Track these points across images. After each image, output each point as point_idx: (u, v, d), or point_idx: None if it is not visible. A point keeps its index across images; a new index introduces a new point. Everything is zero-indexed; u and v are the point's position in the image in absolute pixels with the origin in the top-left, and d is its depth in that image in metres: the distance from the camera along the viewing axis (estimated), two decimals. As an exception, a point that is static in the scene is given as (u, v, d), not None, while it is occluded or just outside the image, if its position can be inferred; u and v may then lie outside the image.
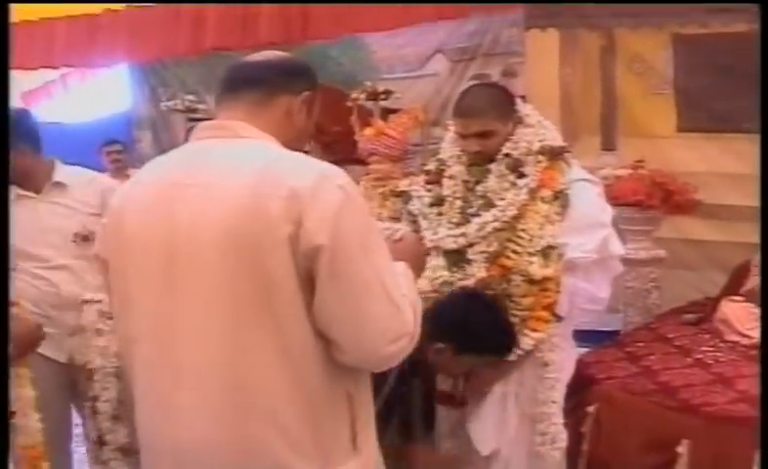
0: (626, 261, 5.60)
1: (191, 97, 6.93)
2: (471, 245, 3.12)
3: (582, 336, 4.19)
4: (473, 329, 2.92)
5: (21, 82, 7.77)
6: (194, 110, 6.69)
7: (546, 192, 3.14)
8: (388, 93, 5.06)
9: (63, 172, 3.76)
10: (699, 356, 4.24)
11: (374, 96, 4.99)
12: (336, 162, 4.76)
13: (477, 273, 3.08)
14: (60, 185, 3.73)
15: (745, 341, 4.40)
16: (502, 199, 3.14)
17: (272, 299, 1.93)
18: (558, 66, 6.66)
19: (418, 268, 2.46)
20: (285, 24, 5.02)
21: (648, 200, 5.36)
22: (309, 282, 1.93)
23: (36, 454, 3.13)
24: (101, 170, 7.81)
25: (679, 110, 6.43)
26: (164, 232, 2.04)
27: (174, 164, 2.16)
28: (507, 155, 3.21)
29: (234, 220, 1.93)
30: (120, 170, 7.71)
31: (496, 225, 3.09)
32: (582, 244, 3.12)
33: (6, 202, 3.58)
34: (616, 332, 5.27)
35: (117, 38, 5.71)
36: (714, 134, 6.23)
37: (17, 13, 5.84)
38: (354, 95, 5.09)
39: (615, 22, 6.17)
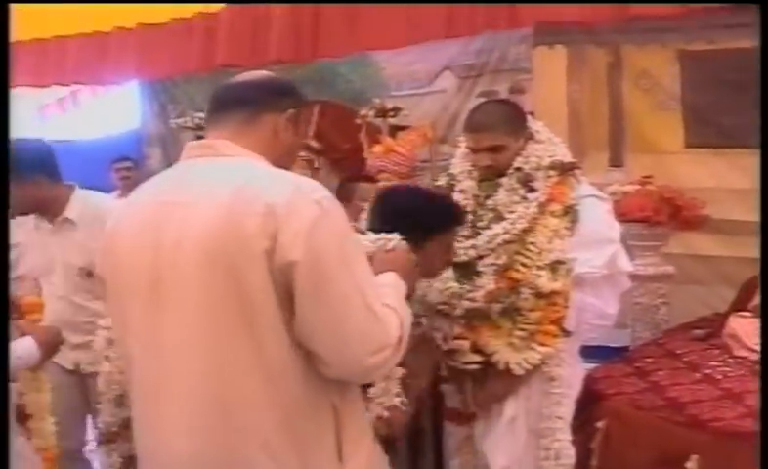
0: (635, 277, 5.62)
1: (200, 114, 6.93)
2: (480, 257, 3.16)
3: (591, 352, 4.21)
4: (414, 208, 2.85)
5: (38, 97, 7.84)
6: (204, 128, 6.70)
7: (556, 207, 3.18)
8: (396, 110, 5.08)
9: (75, 206, 3.78)
10: (707, 371, 4.23)
11: (383, 113, 5.01)
12: (346, 180, 4.82)
13: (486, 284, 3.11)
14: (69, 221, 3.76)
15: (753, 356, 4.40)
16: (512, 213, 3.17)
17: (251, 315, 1.98)
18: (565, 83, 6.67)
19: (409, 278, 2.46)
20: (295, 41, 5.04)
21: (656, 216, 5.36)
22: (288, 298, 1.97)
23: (50, 456, 3.20)
24: (111, 187, 7.89)
25: (686, 126, 6.43)
26: (151, 251, 2.10)
27: (163, 184, 2.23)
28: (518, 170, 3.24)
29: (212, 238, 1.98)
30: (130, 187, 7.73)
31: (506, 237, 3.12)
32: (591, 260, 3.15)
33: (6, 202, 3.63)
34: (624, 348, 5.27)
35: (128, 55, 5.75)
36: (722, 149, 6.22)
37: (27, 29, 5.91)
38: (363, 112, 5.11)
39: (621, 39, 6.21)
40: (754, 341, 4.54)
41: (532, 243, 3.12)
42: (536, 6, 4.13)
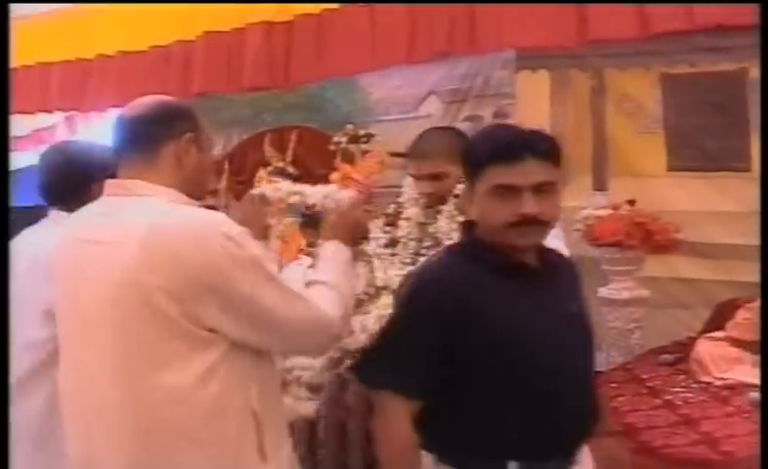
0: (609, 301, 5.66)
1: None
2: None
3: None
4: None
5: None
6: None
7: None
8: (369, 136, 5.09)
9: None
10: (668, 397, 4.23)
11: (355, 139, 5.03)
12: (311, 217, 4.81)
13: None
14: None
15: (718, 382, 4.39)
16: (450, 239, 3.17)
17: (164, 345, 2.10)
18: (549, 107, 6.68)
19: (356, 233, 2.66)
20: (268, 69, 5.07)
21: (627, 240, 5.37)
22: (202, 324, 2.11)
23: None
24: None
25: (669, 149, 6.43)
26: (72, 287, 2.25)
27: (84, 221, 2.34)
28: (456, 196, 3.24)
29: (128, 274, 2.08)
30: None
31: None
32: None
33: (6, 203, 3.66)
34: (598, 373, 5.26)
35: (108, 83, 5.79)
36: (704, 173, 6.23)
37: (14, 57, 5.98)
38: (336, 138, 5.14)
39: (604, 63, 6.20)
40: (721, 367, 4.53)
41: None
42: (495, 30, 4.14)
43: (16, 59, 6.01)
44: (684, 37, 5.18)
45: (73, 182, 2.93)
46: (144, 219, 2.13)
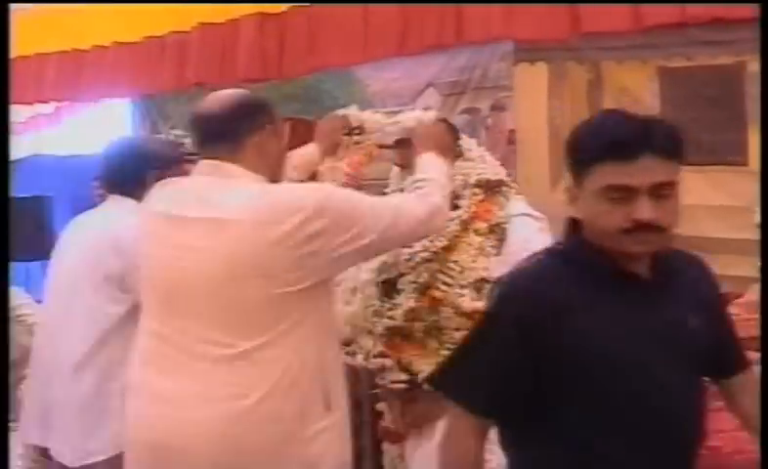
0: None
1: (177, 131, 7.00)
2: (402, 275, 3.15)
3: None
4: None
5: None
6: (180, 144, 6.75)
7: (480, 225, 3.17)
8: (361, 128, 5.08)
9: None
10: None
11: (348, 131, 5.02)
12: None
13: (406, 302, 3.10)
14: None
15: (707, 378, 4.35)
16: None
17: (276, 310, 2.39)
18: (546, 100, 6.66)
19: (448, 150, 3.07)
20: (262, 61, 5.09)
21: (626, 233, 5.33)
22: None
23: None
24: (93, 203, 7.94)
25: (667, 143, 6.39)
26: (169, 259, 2.47)
27: (175, 199, 2.56)
28: None
29: (240, 250, 2.34)
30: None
31: (425, 255, 3.11)
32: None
33: (6, 203, 3.76)
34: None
35: (104, 73, 5.81)
36: (701, 167, 6.18)
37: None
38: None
39: (601, 56, 6.18)
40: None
41: (454, 262, 3.10)
42: (488, 23, 4.14)
43: (13, 50, 6.03)
44: (681, 31, 5.15)
45: (133, 171, 3.29)
46: (250, 197, 2.40)
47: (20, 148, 8.72)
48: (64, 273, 3.34)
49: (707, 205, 6.05)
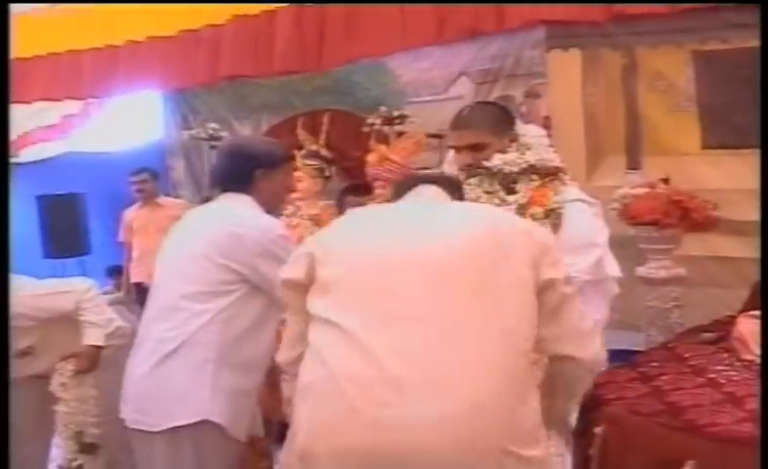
0: (647, 280, 5.61)
1: (213, 125, 7.02)
2: None
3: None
4: None
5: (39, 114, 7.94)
6: (218, 138, 6.78)
7: (536, 210, 3.16)
8: (403, 117, 5.09)
9: None
10: (712, 375, 4.16)
11: (389, 121, 5.03)
12: (353, 187, 4.85)
13: None
14: None
15: (758, 360, 4.33)
16: None
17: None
18: (581, 86, 6.64)
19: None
20: (300, 52, 5.09)
21: (665, 219, 5.31)
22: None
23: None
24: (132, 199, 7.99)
25: (703, 127, 6.36)
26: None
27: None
28: (498, 172, 3.24)
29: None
30: (148, 198, 7.84)
31: None
32: (574, 264, 3.11)
33: (6, 203, 3.74)
34: (637, 352, 5.22)
35: (139, 68, 5.82)
36: (739, 150, 6.15)
37: (41, 44, 6.01)
38: (369, 120, 5.13)
39: (635, 41, 6.16)
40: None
41: (511, 247, 3.10)
42: (524, 6, 4.14)
43: (44, 47, 6.06)
44: (715, 13, 5.14)
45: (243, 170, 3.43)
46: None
47: (52, 146, 8.79)
48: (176, 258, 3.42)
49: (745, 189, 6.01)
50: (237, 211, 3.38)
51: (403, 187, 2.72)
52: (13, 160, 4.71)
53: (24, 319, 4.05)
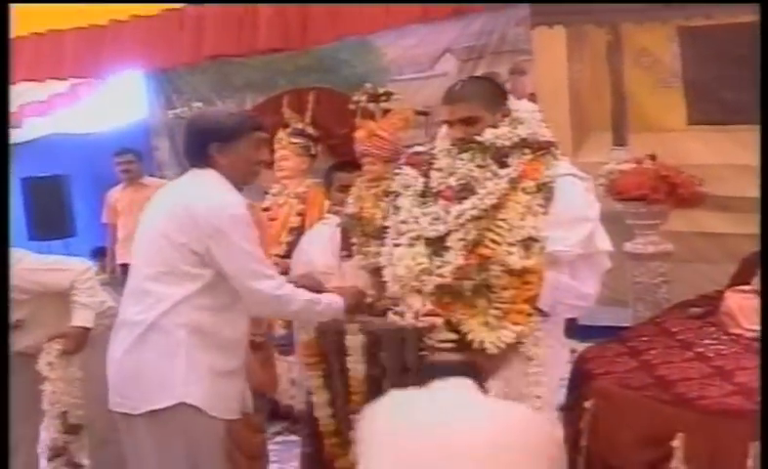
0: (634, 256, 5.62)
1: (198, 104, 6.98)
2: (450, 233, 3.14)
3: (593, 332, 4.18)
4: None
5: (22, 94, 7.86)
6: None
7: (529, 184, 3.16)
8: (388, 94, 5.04)
9: None
10: (700, 349, 4.18)
11: (375, 98, 4.98)
12: (342, 164, 4.83)
13: (455, 260, 3.09)
14: None
15: (747, 334, 4.35)
16: (483, 188, 3.16)
17: None
18: (566, 63, 6.63)
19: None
20: (284, 30, 5.06)
21: (652, 194, 5.31)
22: None
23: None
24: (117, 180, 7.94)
25: (689, 103, 6.37)
26: None
27: None
28: (491, 145, 3.23)
29: None
30: (133, 179, 7.79)
31: (474, 213, 3.11)
32: (565, 238, 3.13)
33: (6, 203, 3.72)
34: (625, 328, 5.23)
35: (123, 48, 5.79)
36: (725, 126, 6.17)
37: (23, 25, 5.94)
38: (355, 97, 5.09)
39: (620, 17, 6.16)
40: (751, 318, 4.49)
41: (502, 220, 3.10)
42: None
43: (27, 26, 6.00)
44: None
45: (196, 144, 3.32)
46: None
47: (35, 127, 8.71)
48: (141, 237, 3.37)
49: (731, 164, 6.04)
50: (195, 187, 3.28)
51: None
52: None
53: (19, 291, 4.06)
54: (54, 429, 4.17)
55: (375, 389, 3.62)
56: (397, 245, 3.29)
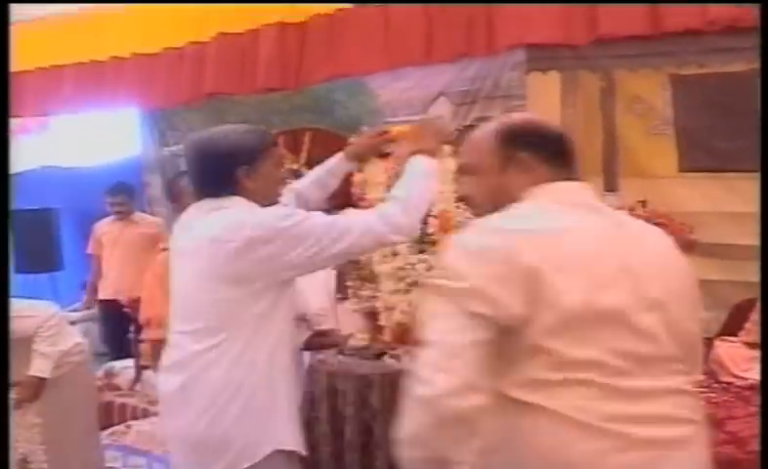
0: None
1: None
2: None
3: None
4: None
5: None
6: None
7: None
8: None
9: None
10: (690, 396, 4.20)
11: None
12: (337, 206, 4.87)
13: None
14: None
15: (739, 382, 4.38)
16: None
17: None
18: (559, 108, 6.67)
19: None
20: (282, 70, 5.10)
21: (644, 241, 5.34)
22: None
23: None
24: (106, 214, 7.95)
25: (680, 150, 6.42)
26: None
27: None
28: None
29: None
30: (124, 215, 7.80)
31: None
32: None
33: (6, 203, 3.73)
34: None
35: (123, 85, 5.82)
36: (716, 173, 6.22)
37: (24, 59, 5.98)
38: (351, 140, 5.14)
39: (613, 64, 6.20)
40: (741, 367, 4.52)
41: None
42: (513, 28, 4.17)
43: (29, 61, 6.03)
44: (694, 38, 5.19)
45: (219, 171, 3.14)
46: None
47: (26, 159, 8.73)
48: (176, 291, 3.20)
49: (722, 212, 6.09)
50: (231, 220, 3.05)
51: None
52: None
53: None
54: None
55: (367, 434, 3.66)
56: (395, 292, 3.31)
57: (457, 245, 2.13)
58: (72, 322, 5.93)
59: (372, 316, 3.61)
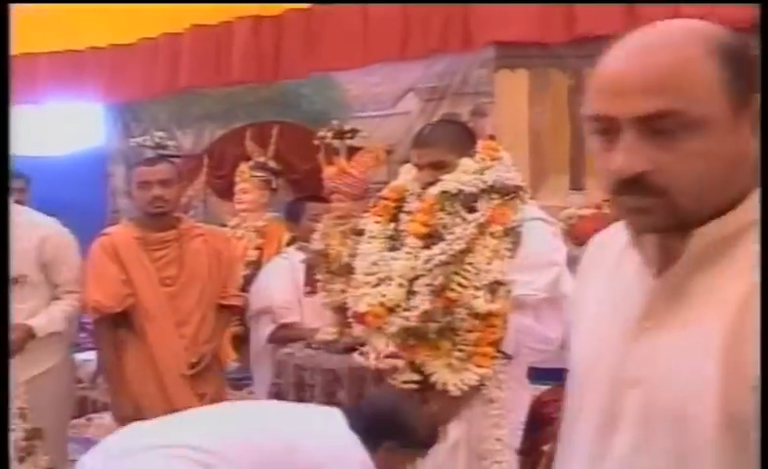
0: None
1: (160, 133, 6.94)
2: (417, 278, 3.14)
3: (549, 375, 4.20)
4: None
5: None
6: (164, 147, 6.70)
7: (496, 228, 3.17)
8: (354, 131, 5.09)
9: None
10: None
11: (340, 134, 5.02)
12: (303, 200, 4.85)
13: (421, 305, 3.09)
14: None
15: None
16: (451, 234, 3.16)
17: None
18: (527, 106, 6.67)
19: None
20: (257, 63, 5.08)
21: (611, 240, 5.36)
22: None
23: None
24: (83, 201, 7.84)
25: (647, 149, 6.45)
26: None
27: None
28: (460, 191, 3.24)
29: None
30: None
31: (443, 258, 3.11)
32: (531, 282, 3.15)
33: (6, 203, 3.68)
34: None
35: (99, 76, 5.77)
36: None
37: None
38: (320, 133, 5.12)
39: (582, 62, 6.21)
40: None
41: (470, 264, 3.11)
42: (490, 26, 4.17)
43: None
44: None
45: None
46: None
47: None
48: None
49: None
50: None
51: None
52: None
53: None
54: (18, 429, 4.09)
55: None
56: (365, 284, 3.29)
57: None
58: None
59: (342, 310, 3.58)
